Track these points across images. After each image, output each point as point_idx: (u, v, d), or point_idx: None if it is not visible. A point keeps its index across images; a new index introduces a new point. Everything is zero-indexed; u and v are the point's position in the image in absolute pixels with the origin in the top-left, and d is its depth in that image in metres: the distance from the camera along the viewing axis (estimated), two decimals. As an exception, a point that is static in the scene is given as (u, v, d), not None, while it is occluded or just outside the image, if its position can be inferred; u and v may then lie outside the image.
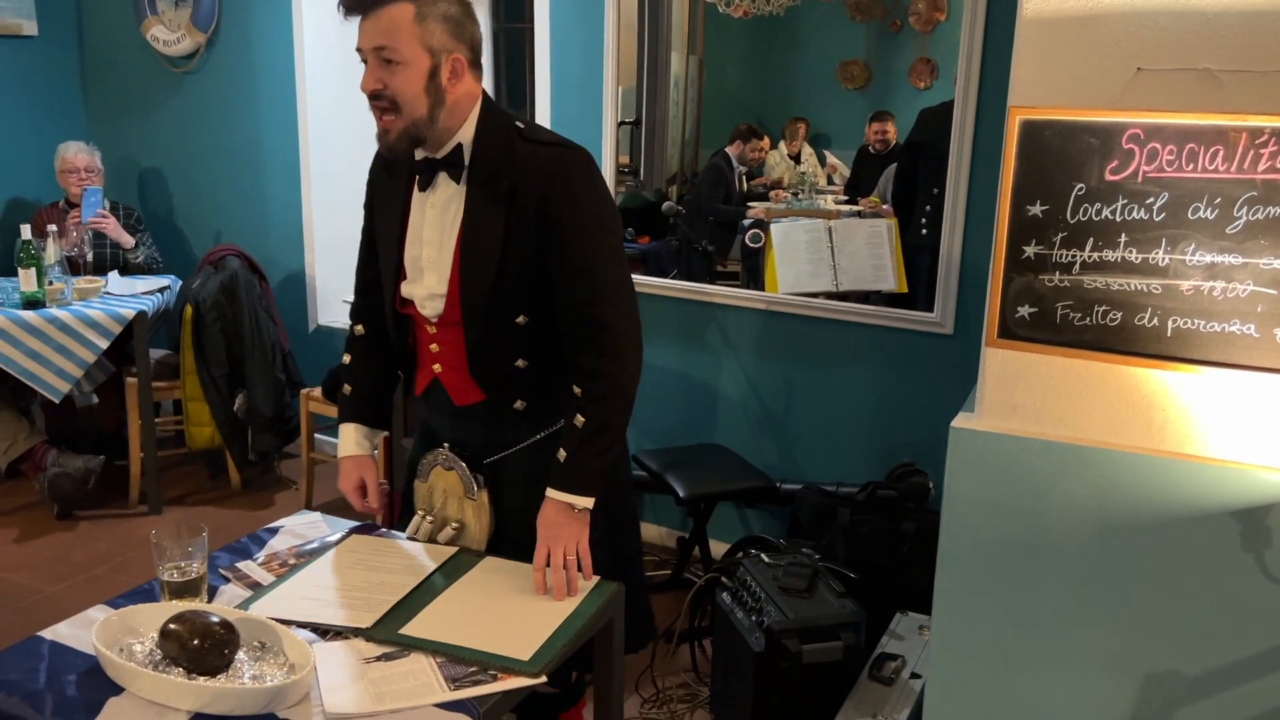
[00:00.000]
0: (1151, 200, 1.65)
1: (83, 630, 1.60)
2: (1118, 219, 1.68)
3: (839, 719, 2.24)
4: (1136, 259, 1.68)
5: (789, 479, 3.29)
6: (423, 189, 1.81)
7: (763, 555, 2.62)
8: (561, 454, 1.78)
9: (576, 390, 1.78)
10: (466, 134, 1.76)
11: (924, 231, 3.48)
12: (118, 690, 1.44)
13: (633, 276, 1.91)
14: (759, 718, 2.37)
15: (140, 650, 1.52)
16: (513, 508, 1.92)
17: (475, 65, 1.77)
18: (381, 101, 1.71)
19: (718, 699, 2.62)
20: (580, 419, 1.76)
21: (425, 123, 1.72)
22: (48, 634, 1.60)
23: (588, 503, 1.77)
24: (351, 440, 2.04)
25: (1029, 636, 1.90)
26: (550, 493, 1.78)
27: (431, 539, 1.92)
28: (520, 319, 1.79)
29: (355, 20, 1.71)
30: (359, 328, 2.03)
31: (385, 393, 2.07)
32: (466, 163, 1.76)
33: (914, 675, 2.38)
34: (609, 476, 1.83)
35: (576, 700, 2.26)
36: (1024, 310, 1.78)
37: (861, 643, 2.40)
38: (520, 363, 1.82)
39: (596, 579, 1.78)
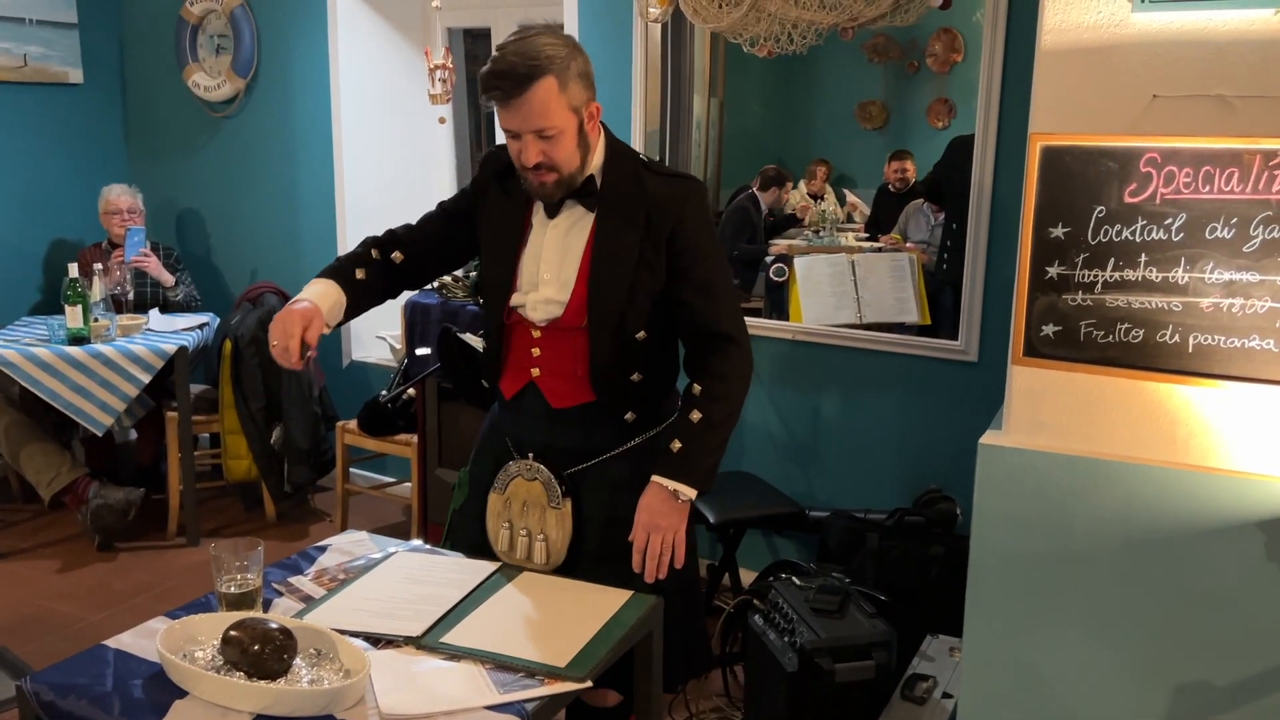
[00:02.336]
0: (1170, 221, 1.72)
1: (145, 639, 1.66)
2: (1138, 239, 1.74)
3: (872, 737, 2.27)
4: (1157, 278, 1.75)
5: (816, 506, 3.33)
6: (551, 216, 1.92)
7: (794, 578, 2.66)
8: (675, 444, 1.88)
9: (696, 389, 1.91)
10: (597, 163, 1.90)
11: (944, 266, 3.55)
12: (182, 694, 1.50)
13: None
14: (792, 738, 2.40)
15: (202, 656, 1.58)
16: (593, 517, 1.99)
17: (594, 93, 1.88)
18: (541, 170, 1.82)
19: (750, 721, 2.65)
20: (697, 414, 1.88)
21: (579, 171, 1.86)
22: (111, 643, 1.66)
23: (691, 493, 1.88)
24: (320, 291, 1.94)
25: (1059, 649, 1.93)
26: (657, 479, 1.88)
27: (512, 546, 1.99)
28: (640, 334, 1.91)
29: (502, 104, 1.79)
30: (375, 252, 2.03)
31: (366, 305, 2.05)
32: (599, 189, 1.89)
33: (945, 695, 2.41)
34: (713, 475, 1.94)
35: (629, 714, 2.30)
36: (1048, 329, 1.84)
37: (893, 663, 2.43)
38: (635, 376, 1.94)
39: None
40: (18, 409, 3.83)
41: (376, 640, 1.66)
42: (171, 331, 3.86)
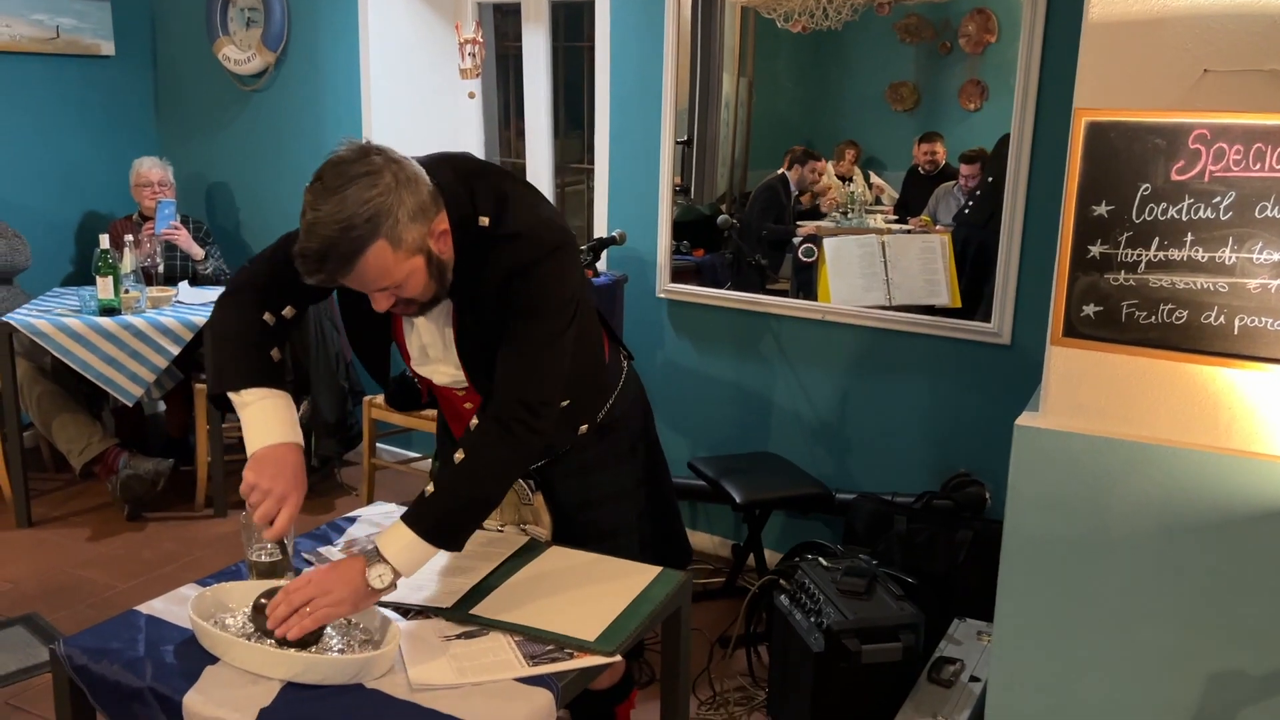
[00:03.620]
0: (1218, 199, 1.68)
1: (176, 606, 1.67)
2: (1184, 218, 1.71)
3: (899, 718, 2.26)
4: (1203, 258, 1.71)
5: (843, 488, 3.31)
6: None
7: (820, 560, 2.65)
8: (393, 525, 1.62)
9: (457, 455, 1.66)
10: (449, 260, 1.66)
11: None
12: (213, 660, 1.51)
13: (689, 287, 1.92)
14: (818, 718, 2.39)
15: (233, 624, 1.59)
16: (569, 503, 1.98)
17: (439, 202, 1.60)
18: (398, 305, 1.63)
19: (775, 700, 2.64)
20: (431, 487, 1.64)
21: (440, 291, 1.65)
22: (143, 608, 1.67)
23: (387, 579, 1.57)
24: (275, 419, 1.71)
25: (1091, 634, 1.91)
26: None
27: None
28: None
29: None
30: (269, 316, 1.77)
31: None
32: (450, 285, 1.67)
33: (973, 678, 2.39)
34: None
35: (628, 694, 2.30)
36: (1089, 309, 1.80)
37: (921, 645, 2.41)
38: (565, 403, 1.81)
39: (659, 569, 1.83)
40: (49, 379, 3.86)
41: (406, 611, 1.65)
42: (201, 304, 3.88)
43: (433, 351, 1.83)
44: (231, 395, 1.74)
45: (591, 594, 1.73)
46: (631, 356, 2.13)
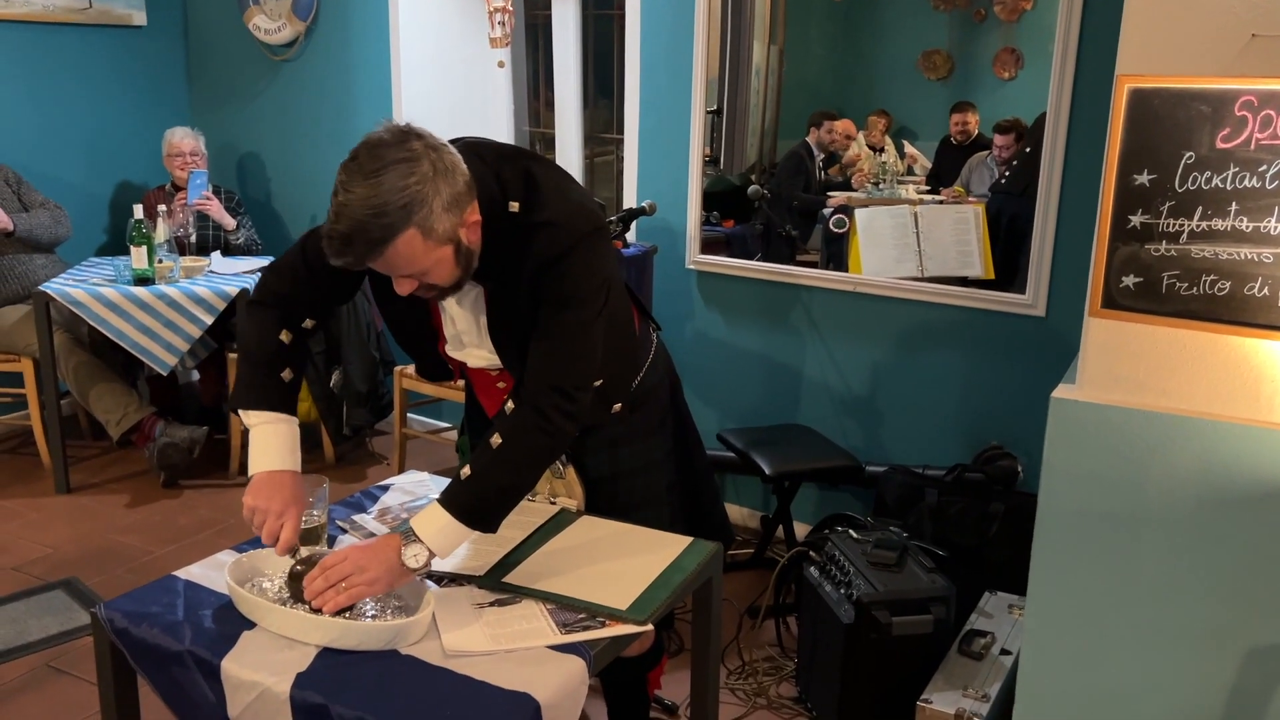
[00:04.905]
0: (1265, 168, 1.64)
1: (213, 571, 1.70)
2: (1228, 187, 1.67)
3: (928, 691, 2.26)
4: (1247, 228, 1.67)
5: (873, 461, 3.30)
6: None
7: (850, 532, 2.64)
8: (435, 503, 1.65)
9: (494, 439, 1.68)
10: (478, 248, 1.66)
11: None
12: (250, 625, 1.53)
13: (719, 258, 1.90)
14: (847, 689, 2.40)
15: (270, 589, 1.61)
16: (599, 477, 1.98)
17: (473, 191, 1.59)
18: (420, 290, 1.62)
19: (804, 671, 2.65)
20: (466, 469, 1.66)
21: (464, 276, 1.64)
22: (181, 574, 1.70)
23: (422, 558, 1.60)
24: (287, 443, 1.73)
25: (1126, 609, 1.89)
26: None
27: None
28: None
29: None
30: (286, 334, 1.80)
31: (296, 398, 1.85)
32: (481, 269, 1.67)
33: (1004, 651, 2.39)
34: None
35: (658, 660, 2.31)
36: (1129, 280, 1.78)
37: (951, 617, 2.41)
38: (598, 382, 1.83)
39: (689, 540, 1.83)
40: (86, 350, 3.91)
41: (440, 579, 1.67)
42: (233, 274, 3.90)
43: (466, 338, 1.85)
44: (241, 412, 1.76)
45: (623, 563, 1.73)
46: (659, 328, 2.12)
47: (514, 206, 1.65)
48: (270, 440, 1.74)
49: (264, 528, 1.65)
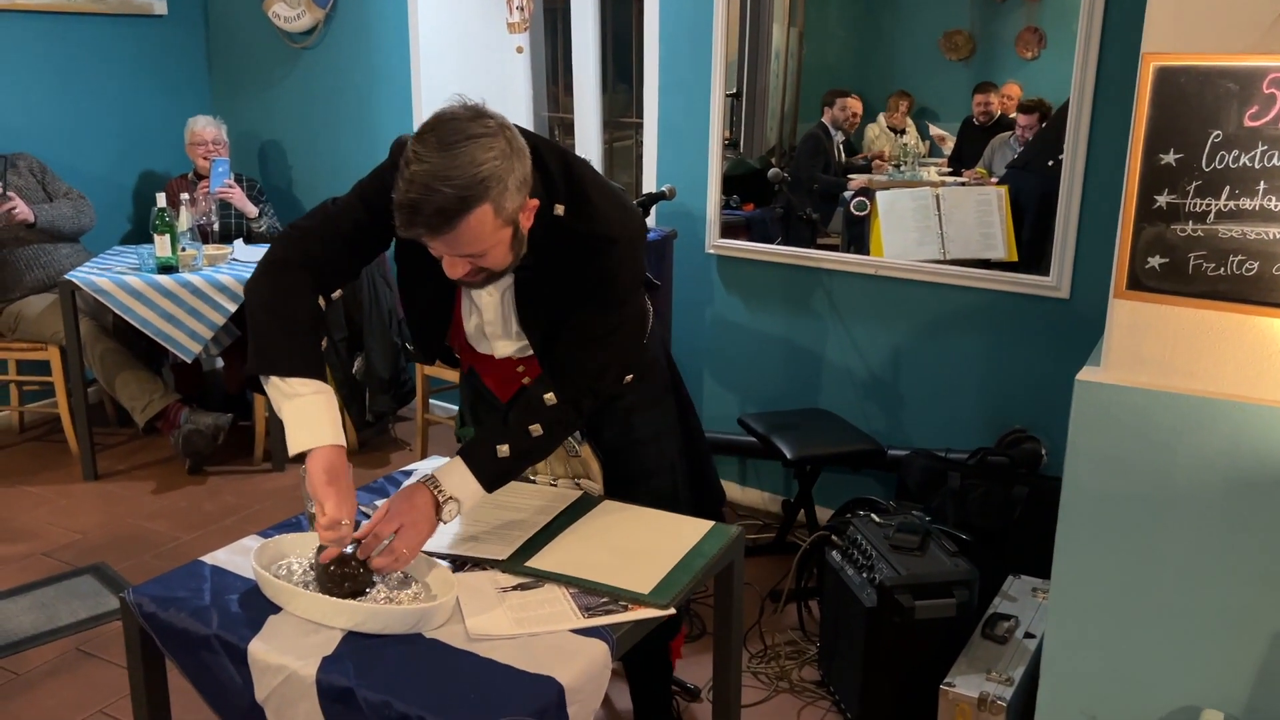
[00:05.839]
0: (1293, 146, 1.62)
1: (239, 556, 1.71)
2: (1256, 166, 1.65)
3: (952, 675, 2.25)
4: (1276, 207, 1.65)
5: (895, 444, 3.29)
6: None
7: (873, 515, 2.63)
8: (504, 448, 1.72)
9: (549, 398, 1.76)
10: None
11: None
12: (277, 609, 1.54)
13: (739, 243, 1.95)
14: (870, 673, 2.40)
15: (296, 571, 1.62)
16: (615, 446, 1.99)
17: (531, 179, 1.60)
18: (469, 274, 1.61)
19: (826, 655, 2.65)
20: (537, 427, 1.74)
21: (514, 264, 1.64)
22: (208, 559, 1.72)
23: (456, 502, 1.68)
24: (328, 418, 1.63)
25: (1151, 593, 1.88)
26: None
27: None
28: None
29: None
30: (323, 301, 1.74)
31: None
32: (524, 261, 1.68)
33: (1028, 635, 2.38)
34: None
35: (678, 629, 2.32)
36: (1154, 261, 1.76)
37: (975, 601, 2.40)
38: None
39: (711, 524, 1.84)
40: (111, 338, 3.95)
41: (463, 563, 1.68)
42: (256, 262, 3.92)
43: (491, 329, 1.86)
44: (275, 380, 1.63)
45: (645, 548, 1.74)
46: (658, 285, 2.14)
47: (559, 210, 1.66)
48: (322, 412, 1.62)
49: (325, 528, 1.56)
